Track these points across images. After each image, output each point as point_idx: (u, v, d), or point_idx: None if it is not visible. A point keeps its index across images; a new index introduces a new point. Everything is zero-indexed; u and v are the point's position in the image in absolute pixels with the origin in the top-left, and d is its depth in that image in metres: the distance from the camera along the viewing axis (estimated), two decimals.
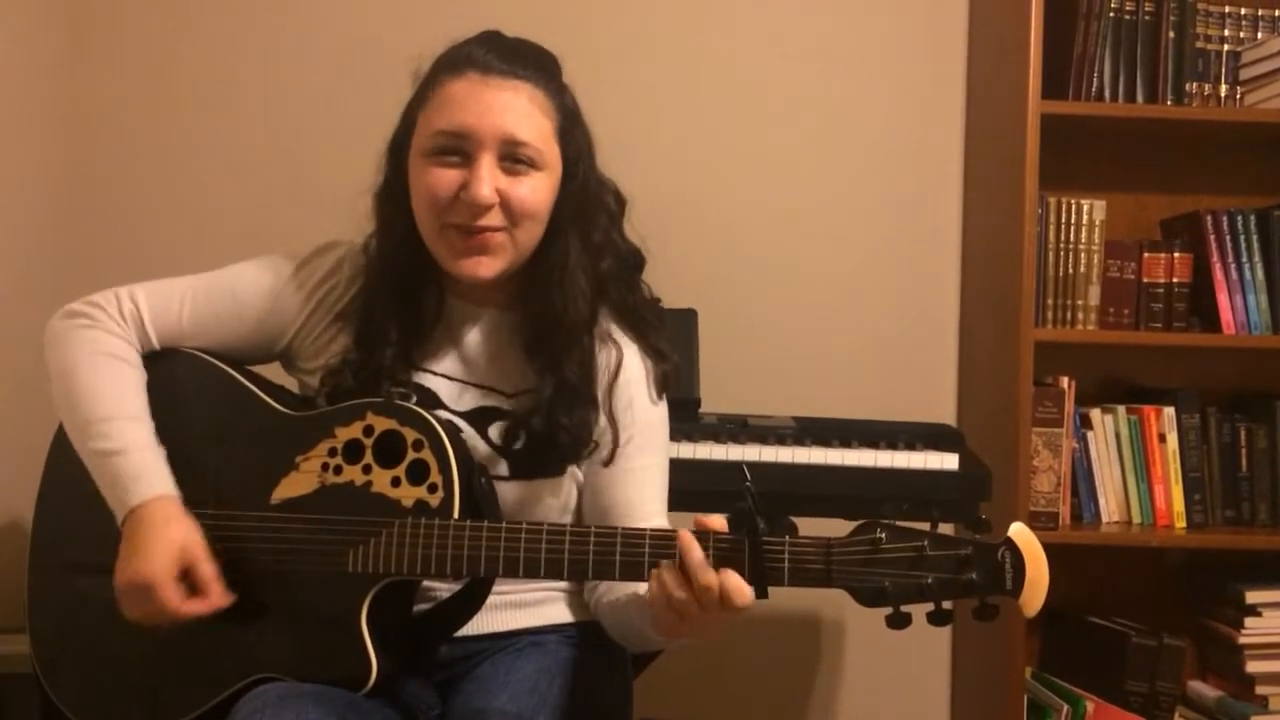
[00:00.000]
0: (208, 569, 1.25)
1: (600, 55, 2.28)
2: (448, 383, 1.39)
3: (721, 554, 1.14)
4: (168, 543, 1.23)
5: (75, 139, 2.34)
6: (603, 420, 1.38)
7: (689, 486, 1.49)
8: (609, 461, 1.38)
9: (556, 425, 1.34)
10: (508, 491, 1.35)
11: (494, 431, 1.37)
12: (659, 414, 1.43)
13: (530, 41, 1.37)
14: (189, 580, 1.24)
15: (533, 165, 1.30)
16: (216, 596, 1.25)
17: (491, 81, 1.29)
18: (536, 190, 1.31)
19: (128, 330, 1.39)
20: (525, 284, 1.37)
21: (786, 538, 1.14)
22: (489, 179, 1.28)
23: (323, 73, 2.35)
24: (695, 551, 1.13)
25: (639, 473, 1.40)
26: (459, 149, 1.29)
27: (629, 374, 1.40)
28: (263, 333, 1.42)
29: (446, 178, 1.29)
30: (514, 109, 1.29)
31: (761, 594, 1.13)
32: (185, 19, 2.36)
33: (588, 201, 1.37)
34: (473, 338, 1.41)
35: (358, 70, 2.31)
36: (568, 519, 1.42)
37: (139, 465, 1.28)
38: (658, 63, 2.37)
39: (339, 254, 1.42)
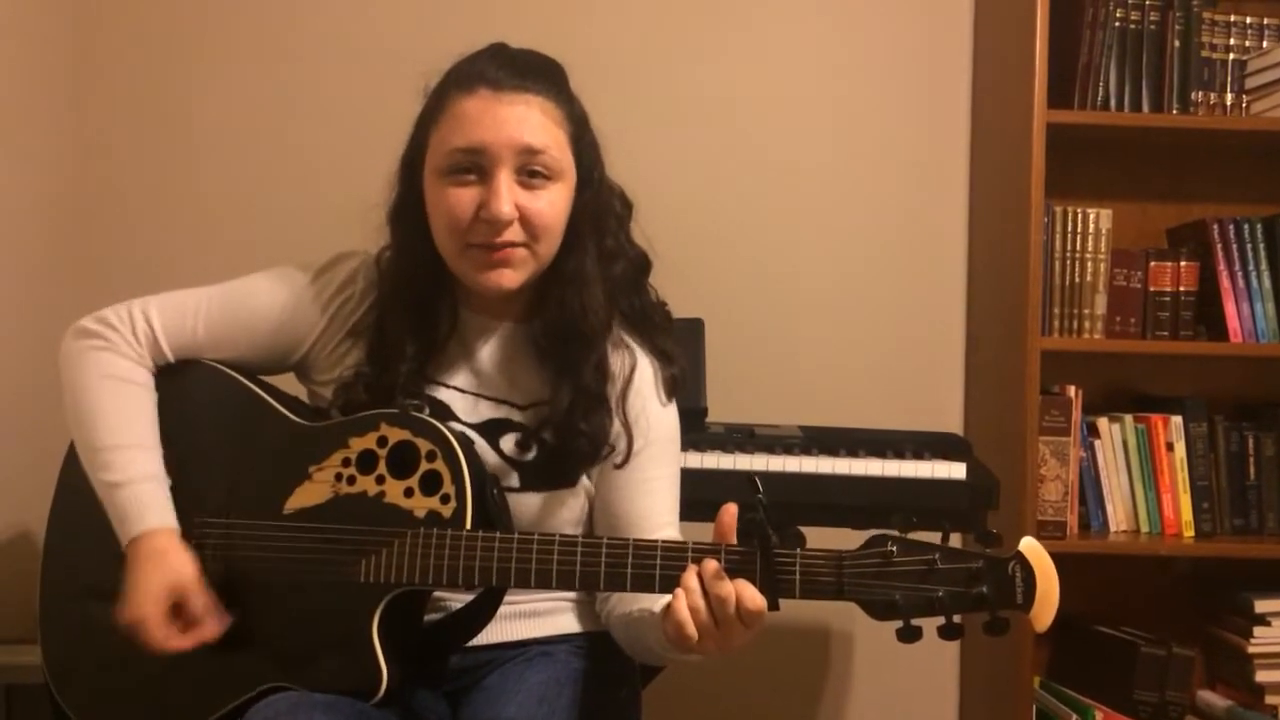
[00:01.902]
0: (198, 602, 1.27)
1: (606, 67, 2.28)
2: (460, 395, 1.39)
3: (733, 566, 1.15)
4: (157, 581, 1.26)
5: (83, 147, 2.34)
6: (617, 425, 1.38)
7: (696, 496, 1.49)
8: (623, 464, 1.38)
9: (576, 431, 1.34)
10: (519, 503, 1.35)
11: (506, 443, 1.37)
12: (670, 419, 1.43)
13: (536, 52, 1.37)
14: (183, 614, 1.27)
15: (549, 176, 1.30)
16: (208, 629, 1.27)
17: (504, 97, 1.29)
18: (554, 203, 1.31)
19: (141, 350, 1.39)
20: (540, 293, 1.38)
21: (798, 550, 1.15)
22: (507, 195, 1.28)
23: (332, 81, 2.36)
24: (710, 562, 1.14)
25: (651, 483, 1.40)
26: (475, 166, 1.29)
27: (641, 379, 1.40)
28: (277, 344, 1.42)
29: (465, 197, 1.29)
30: (528, 121, 1.29)
31: (773, 606, 1.14)
32: (194, 25, 2.37)
33: (601, 208, 1.38)
34: (486, 351, 1.41)
35: (367, 79, 2.32)
36: (579, 530, 1.42)
37: (137, 497, 1.30)
38: (663, 74, 2.37)
39: (353, 265, 1.42)
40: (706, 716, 2.34)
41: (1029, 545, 1.13)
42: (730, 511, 1.17)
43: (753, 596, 1.12)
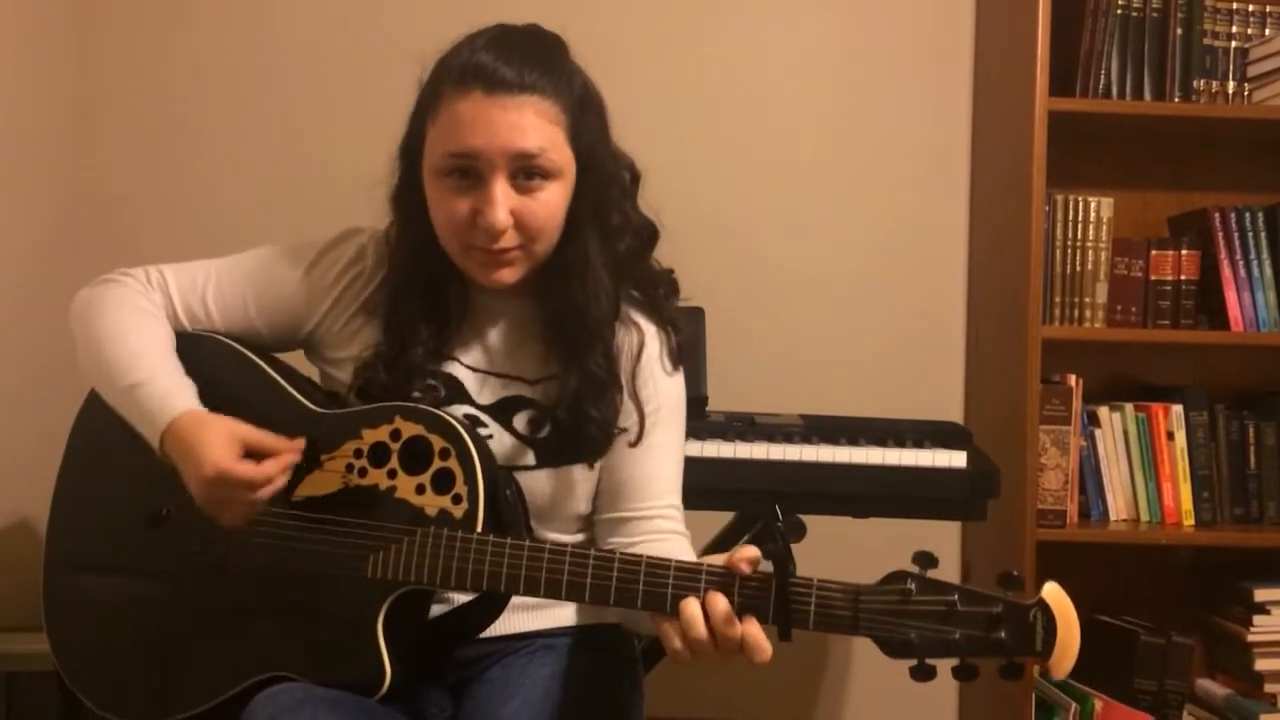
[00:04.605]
0: (264, 438, 1.26)
1: (609, 59, 2.26)
2: (472, 373, 1.39)
3: (748, 594, 1.12)
4: (214, 435, 1.24)
5: (84, 136, 2.34)
6: (627, 402, 1.37)
7: (696, 484, 1.48)
8: (636, 443, 1.37)
9: (585, 418, 1.33)
10: (535, 481, 1.35)
11: (519, 421, 1.37)
12: (676, 386, 1.42)
13: (534, 33, 1.35)
14: (254, 457, 1.25)
15: (546, 175, 1.29)
16: (287, 449, 1.26)
17: (496, 100, 1.26)
18: (550, 203, 1.30)
19: (154, 294, 1.40)
20: (546, 276, 1.36)
21: (815, 580, 1.12)
22: (502, 202, 1.27)
23: (330, 64, 2.35)
24: (720, 603, 1.12)
25: (655, 449, 1.38)
26: (470, 169, 1.28)
27: (648, 355, 1.39)
28: (284, 320, 1.42)
29: (460, 202, 1.28)
30: (522, 125, 1.26)
31: (785, 636, 1.12)
32: (192, 12, 2.36)
33: (605, 187, 1.36)
34: (496, 328, 1.41)
35: (365, 62, 2.31)
36: (586, 507, 1.41)
37: (165, 389, 1.30)
38: (664, 64, 2.37)
39: (361, 241, 1.42)
40: (709, 705, 2.35)
41: (1052, 591, 1.09)
42: (750, 557, 1.14)
43: (758, 645, 1.10)
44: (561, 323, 1.35)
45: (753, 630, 1.11)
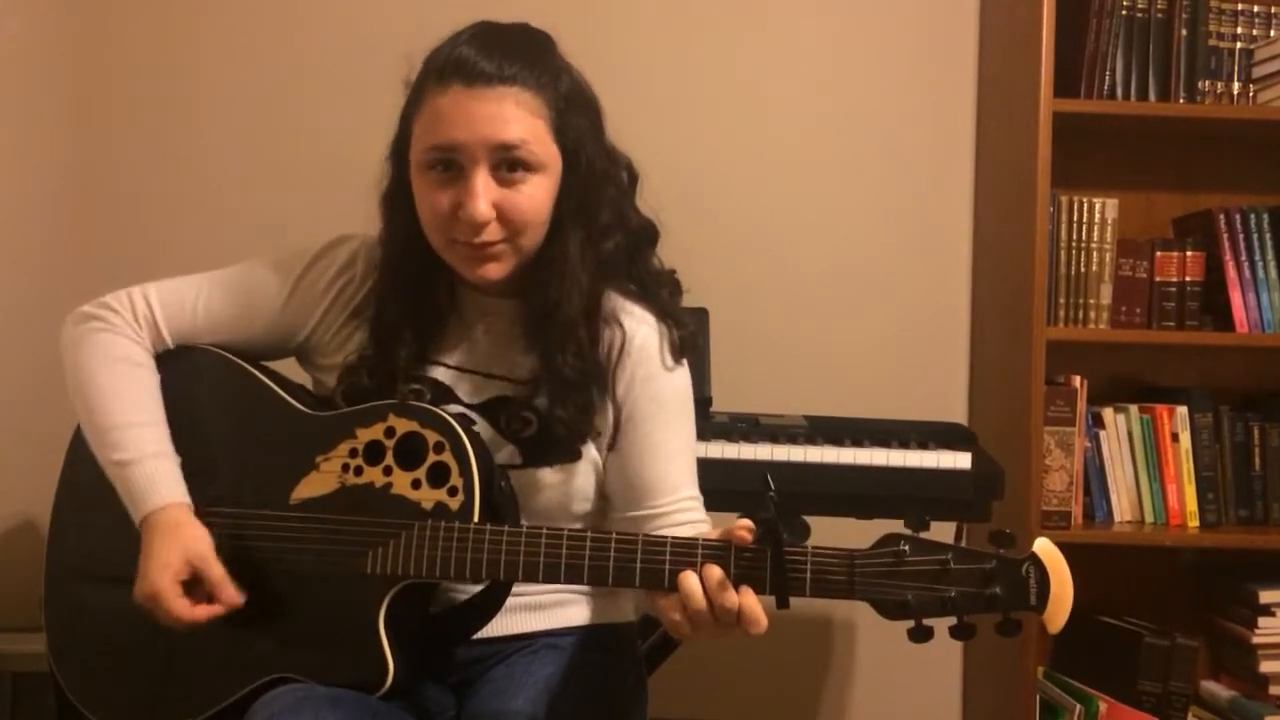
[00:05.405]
0: (215, 571, 1.26)
1: (610, 59, 2.27)
2: (460, 375, 1.38)
3: (744, 564, 1.13)
4: (174, 553, 1.25)
5: (83, 139, 2.34)
6: (607, 403, 1.36)
7: (701, 485, 1.48)
8: (612, 445, 1.36)
9: (552, 416, 1.33)
10: (524, 480, 1.34)
11: (504, 421, 1.36)
12: (678, 381, 1.39)
13: (520, 29, 1.34)
14: (200, 586, 1.26)
15: (529, 168, 1.28)
16: (227, 598, 1.26)
17: (476, 92, 1.26)
18: (534, 196, 1.29)
19: (141, 333, 1.39)
20: (529, 274, 1.36)
21: (809, 547, 1.13)
22: (483, 194, 1.26)
23: (331, 66, 2.35)
24: (716, 573, 1.13)
25: (662, 447, 1.36)
26: (452, 163, 1.27)
27: (635, 349, 1.37)
28: (278, 329, 1.42)
29: (443, 195, 1.28)
30: (502, 116, 1.26)
31: (783, 604, 1.12)
32: (193, 13, 2.37)
33: (593, 186, 1.35)
34: (484, 328, 1.40)
35: (366, 63, 2.30)
36: (587, 507, 1.40)
37: (149, 473, 1.30)
38: (667, 64, 2.37)
39: (352, 248, 1.42)
40: (710, 704, 2.35)
41: (1043, 546, 1.12)
42: (745, 525, 1.14)
43: (754, 616, 1.11)
44: (539, 320, 1.35)
45: (748, 601, 1.12)
